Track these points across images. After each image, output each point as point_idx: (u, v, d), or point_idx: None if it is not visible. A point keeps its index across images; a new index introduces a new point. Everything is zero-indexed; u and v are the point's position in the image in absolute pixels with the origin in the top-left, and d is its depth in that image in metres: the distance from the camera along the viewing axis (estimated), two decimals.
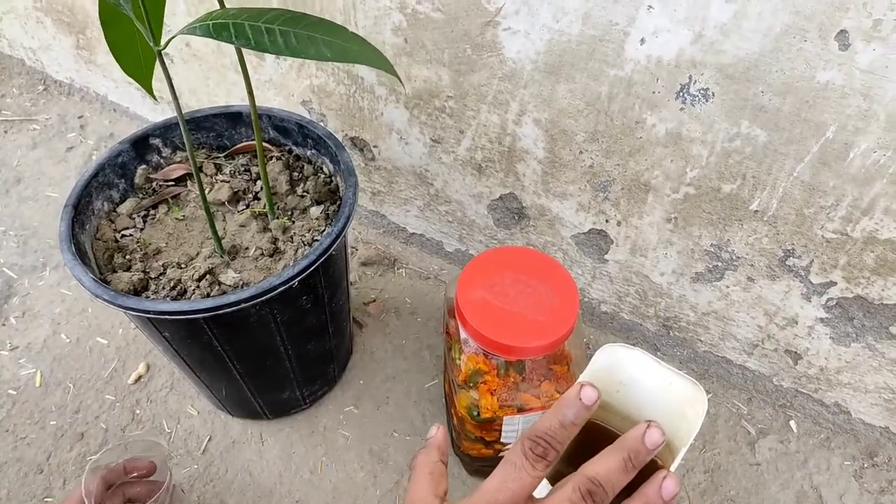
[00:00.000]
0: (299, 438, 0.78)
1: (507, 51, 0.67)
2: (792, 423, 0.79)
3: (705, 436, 0.78)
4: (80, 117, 1.19)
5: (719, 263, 0.71)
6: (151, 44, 0.47)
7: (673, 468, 0.49)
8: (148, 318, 0.58)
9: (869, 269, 0.63)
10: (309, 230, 0.67)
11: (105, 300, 0.56)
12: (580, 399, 0.35)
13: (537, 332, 0.57)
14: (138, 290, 0.61)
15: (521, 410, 0.61)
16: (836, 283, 0.66)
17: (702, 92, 0.60)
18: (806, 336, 0.72)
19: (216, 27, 0.45)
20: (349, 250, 0.97)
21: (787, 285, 0.69)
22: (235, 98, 0.97)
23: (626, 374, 0.57)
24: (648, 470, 0.35)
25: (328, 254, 0.60)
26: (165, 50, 0.51)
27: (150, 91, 0.60)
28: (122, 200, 0.70)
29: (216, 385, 0.72)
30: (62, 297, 0.92)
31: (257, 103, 0.62)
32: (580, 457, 0.63)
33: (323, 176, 0.73)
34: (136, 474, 0.67)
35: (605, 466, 0.34)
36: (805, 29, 0.52)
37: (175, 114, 0.56)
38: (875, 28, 0.49)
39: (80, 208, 0.64)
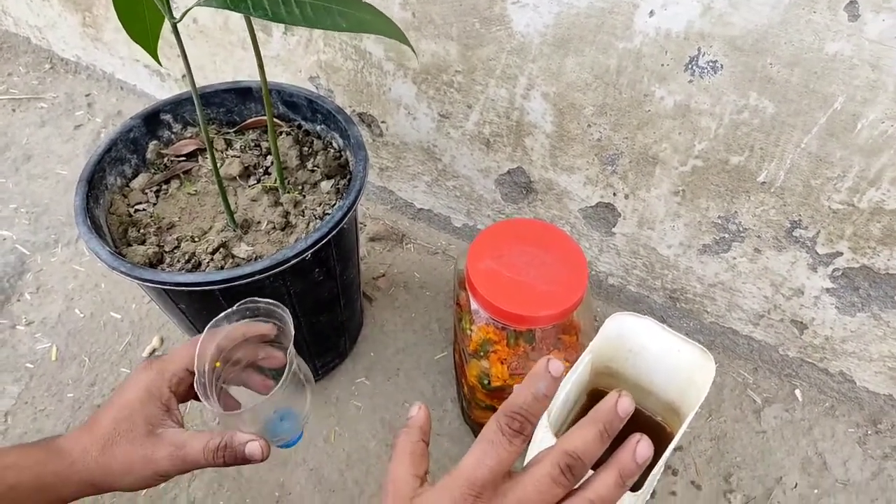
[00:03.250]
0: (312, 410, 0.79)
1: (515, 24, 0.67)
2: (797, 391, 0.80)
3: (711, 404, 0.79)
4: (87, 95, 1.20)
5: (726, 235, 0.72)
6: (167, 18, 0.48)
7: (681, 432, 0.51)
8: (164, 290, 0.59)
9: (875, 239, 0.64)
10: (320, 204, 0.68)
11: (122, 272, 0.57)
12: (549, 372, 0.36)
13: (547, 302, 0.58)
14: (153, 263, 0.62)
15: None
16: (842, 254, 0.67)
17: (710, 64, 0.60)
18: (812, 306, 0.73)
19: None
20: (359, 225, 0.98)
21: (793, 256, 0.70)
22: (242, 75, 0.97)
23: (635, 342, 0.58)
24: (651, 433, 0.36)
25: (340, 227, 0.61)
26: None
27: (155, 56, 0.60)
28: (135, 175, 0.71)
29: None
30: (75, 273, 0.93)
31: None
32: None
33: (333, 151, 0.73)
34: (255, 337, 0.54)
35: (582, 439, 0.35)
36: (814, 0, 0.52)
37: (185, 89, 0.57)
38: None
39: (93, 183, 0.65)
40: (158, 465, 0.46)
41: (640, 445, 0.35)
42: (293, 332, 0.50)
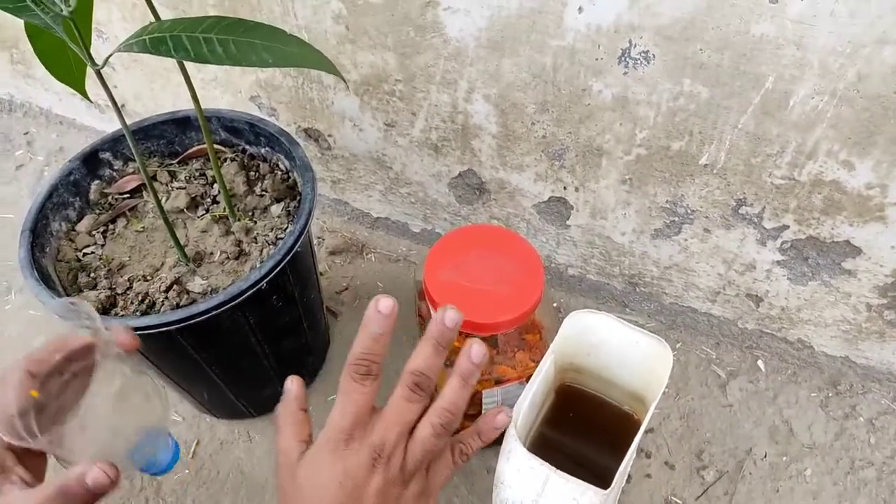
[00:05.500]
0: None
1: (449, 30, 0.67)
2: (759, 362, 0.82)
3: (678, 383, 0.81)
4: (25, 133, 1.17)
5: (676, 218, 0.73)
6: (89, 65, 0.47)
7: (646, 420, 0.52)
8: None
9: (818, 210, 0.66)
10: (272, 229, 0.68)
11: None
12: (379, 311, 0.41)
13: (506, 307, 0.59)
14: (107, 308, 0.61)
15: (498, 382, 0.63)
16: (788, 227, 0.68)
17: (643, 55, 0.61)
18: (765, 279, 0.75)
19: (153, 42, 0.44)
20: (315, 242, 0.97)
21: (742, 233, 0.71)
22: (183, 100, 0.95)
23: (595, 337, 0.59)
24: (619, 422, 0.41)
25: (293, 252, 0.60)
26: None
27: (84, 94, 0.60)
28: (80, 218, 0.69)
29: (197, 391, 0.72)
30: (31, 320, 0.91)
31: (204, 104, 0.62)
32: (563, 419, 0.66)
33: (280, 173, 0.72)
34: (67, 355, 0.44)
35: (421, 357, 0.40)
36: None
37: (127, 119, 0.56)
38: None
39: (37, 232, 0.64)
40: None
41: (474, 348, 0.41)
42: (103, 328, 0.42)
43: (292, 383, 0.44)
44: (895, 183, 0.60)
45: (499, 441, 0.53)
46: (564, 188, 0.77)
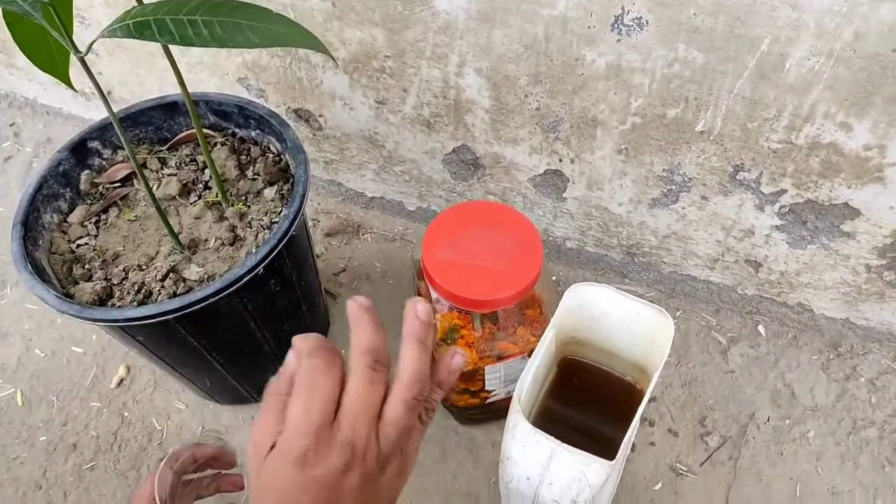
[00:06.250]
0: None
1: (437, 2, 0.66)
2: (760, 327, 0.83)
3: (679, 351, 0.81)
4: (11, 125, 1.15)
5: (673, 187, 0.73)
6: (72, 52, 0.46)
7: (650, 390, 0.52)
8: (118, 327, 0.58)
9: (816, 173, 0.65)
10: (266, 213, 0.67)
11: (71, 315, 0.56)
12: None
13: (505, 283, 0.58)
14: (103, 299, 0.61)
15: (500, 358, 0.63)
16: (786, 191, 0.68)
17: (636, 21, 0.60)
18: (763, 244, 0.75)
19: (137, 26, 0.43)
20: (310, 224, 0.96)
21: (739, 199, 0.71)
22: (169, 85, 0.94)
23: (595, 309, 0.59)
24: (622, 393, 0.40)
25: (288, 235, 0.60)
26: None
27: (68, 83, 0.59)
28: (72, 209, 0.69)
29: (199, 378, 0.72)
30: (28, 313, 0.91)
31: (191, 87, 0.61)
32: (566, 392, 0.66)
33: (272, 156, 0.72)
34: (204, 461, 0.58)
35: (366, 334, 0.37)
36: None
37: (113, 107, 0.55)
38: None
39: (29, 225, 0.63)
40: None
41: (419, 305, 0.38)
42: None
43: (294, 360, 0.39)
44: (894, 143, 0.59)
45: (503, 415, 0.53)
46: (560, 160, 0.76)
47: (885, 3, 0.50)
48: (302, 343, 0.38)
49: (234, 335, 0.65)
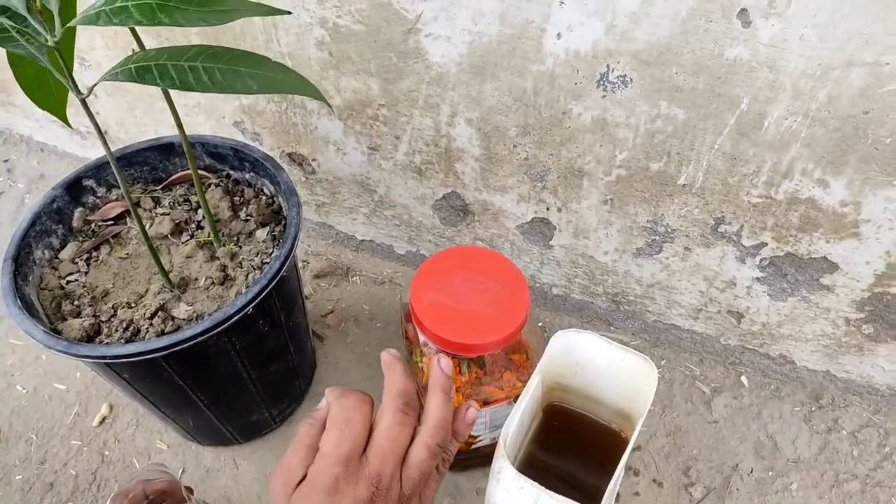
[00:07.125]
0: (273, 458, 0.79)
1: (431, 56, 0.68)
2: (743, 378, 0.83)
3: (663, 400, 0.81)
4: (5, 161, 1.16)
5: (657, 237, 0.74)
6: (74, 94, 0.47)
7: (634, 437, 0.52)
8: (105, 364, 0.58)
9: (795, 227, 0.67)
10: (257, 254, 0.68)
11: (59, 351, 0.56)
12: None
13: (492, 328, 0.59)
14: (91, 336, 0.61)
15: (486, 403, 0.63)
16: (766, 244, 0.70)
17: (620, 79, 0.62)
18: (745, 296, 0.76)
19: (139, 70, 0.45)
20: (300, 266, 0.97)
21: (721, 251, 0.73)
22: (165, 126, 0.96)
23: (581, 356, 0.59)
24: (607, 439, 0.42)
25: (279, 276, 0.61)
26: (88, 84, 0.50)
27: (65, 121, 0.60)
28: (63, 246, 0.69)
29: (182, 418, 0.72)
30: (12, 348, 0.90)
31: (188, 129, 0.62)
32: (551, 439, 0.66)
33: (265, 198, 0.73)
34: (155, 496, 0.60)
35: (398, 379, 0.41)
36: (709, 10, 0.55)
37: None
38: (771, 5, 0.52)
39: (20, 260, 0.63)
40: None
41: (443, 360, 0.43)
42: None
43: (326, 404, 0.42)
44: (868, 200, 0.61)
45: (488, 461, 0.53)
46: (547, 209, 0.78)
47: (855, 68, 0.53)
48: (334, 390, 0.41)
49: (220, 375, 0.65)
